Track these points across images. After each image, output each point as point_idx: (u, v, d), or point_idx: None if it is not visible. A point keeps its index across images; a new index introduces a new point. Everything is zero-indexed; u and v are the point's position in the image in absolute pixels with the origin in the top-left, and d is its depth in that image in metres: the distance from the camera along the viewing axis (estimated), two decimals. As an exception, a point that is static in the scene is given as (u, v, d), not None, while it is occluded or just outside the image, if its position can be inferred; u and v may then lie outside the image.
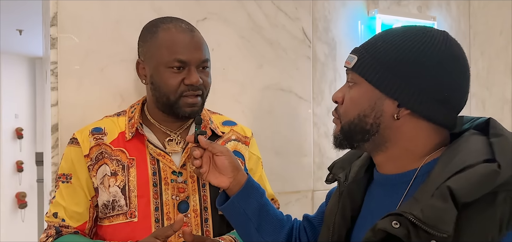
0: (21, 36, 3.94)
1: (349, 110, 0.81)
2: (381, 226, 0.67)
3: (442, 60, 0.74)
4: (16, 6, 3.19)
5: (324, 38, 1.72)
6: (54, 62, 1.30)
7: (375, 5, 1.80)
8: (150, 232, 1.04)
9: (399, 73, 0.74)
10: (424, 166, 0.76)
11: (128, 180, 1.08)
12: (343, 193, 0.89)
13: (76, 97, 1.32)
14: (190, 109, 1.08)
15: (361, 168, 0.89)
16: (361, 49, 0.80)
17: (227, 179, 1.01)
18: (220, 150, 1.02)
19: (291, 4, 1.64)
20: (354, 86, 0.80)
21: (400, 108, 0.75)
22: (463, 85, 0.77)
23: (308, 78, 1.68)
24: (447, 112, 0.76)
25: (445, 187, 0.64)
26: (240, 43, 1.55)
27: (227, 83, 1.53)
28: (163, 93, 1.08)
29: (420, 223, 0.63)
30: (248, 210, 1.01)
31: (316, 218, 1.06)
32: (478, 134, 0.75)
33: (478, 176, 0.64)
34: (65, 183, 1.10)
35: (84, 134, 1.12)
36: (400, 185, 0.77)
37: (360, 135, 0.79)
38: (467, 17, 2.07)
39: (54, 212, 1.10)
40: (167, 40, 1.07)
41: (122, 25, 1.36)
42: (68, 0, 1.31)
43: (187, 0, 1.46)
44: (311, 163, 1.70)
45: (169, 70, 1.06)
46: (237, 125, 1.26)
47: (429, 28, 0.78)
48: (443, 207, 0.63)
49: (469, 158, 0.68)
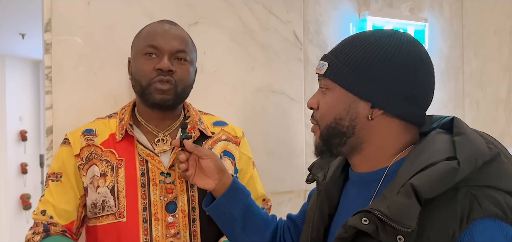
0: (23, 39, 4.00)
1: (325, 115, 0.83)
2: (351, 223, 0.70)
3: (409, 60, 0.77)
4: (18, 10, 3.24)
5: (316, 40, 1.75)
6: (49, 66, 1.34)
7: (366, 7, 1.83)
8: (138, 232, 1.07)
9: (370, 76, 0.77)
10: (394, 164, 0.79)
11: (117, 180, 1.10)
12: (321, 192, 0.92)
13: (70, 100, 1.35)
14: (160, 97, 1.09)
15: (337, 167, 0.92)
16: (331, 55, 0.83)
17: (212, 181, 1.06)
18: (205, 153, 1.06)
19: (282, 7, 1.67)
20: (327, 91, 0.83)
21: (373, 109, 0.78)
22: (429, 83, 0.80)
23: (299, 80, 1.71)
24: (416, 110, 0.79)
25: (409, 184, 0.68)
26: (232, 46, 1.58)
27: (219, 86, 1.56)
28: (137, 80, 1.11)
29: (387, 219, 0.66)
30: (234, 210, 1.05)
31: (299, 217, 1.09)
32: (443, 132, 0.79)
33: (439, 173, 0.67)
34: (55, 181, 1.12)
35: (75, 135, 1.15)
36: (372, 183, 0.80)
37: (338, 138, 0.82)
38: (460, 18, 2.09)
39: (42, 209, 1.11)
40: (147, 32, 1.14)
41: (115, 29, 1.40)
42: (62, 6, 1.34)
43: (179, 5, 1.49)
44: (303, 163, 1.73)
45: (143, 57, 1.11)
46: (228, 125, 1.27)
47: (393, 31, 0.82)
48: (407, 203, 0.66)
49: (433, 157, 0.71)
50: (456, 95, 2.10)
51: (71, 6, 1.35)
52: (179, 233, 1.10)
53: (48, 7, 1.33)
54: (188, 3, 1.51)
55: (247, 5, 1.60)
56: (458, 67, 2.10)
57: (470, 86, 2.14)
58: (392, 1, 1.90)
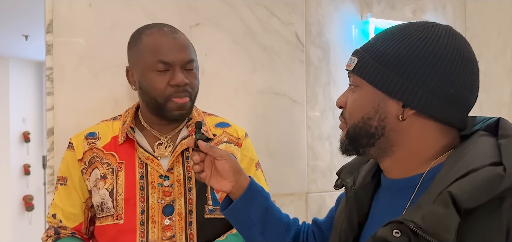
0: (27, 41, 4.01)
1: (353, 114, 0.78)
2: (381, 234, 0.64)
3: (446, 55, 0.70)
4: (22, 12, 3.25)
5: (318, 42, 1.74)
6: (50, 67, 1.34)
7: (368, 9, 1.82)
8: (135, 234, 1.08)
9: (401, 72, 0.71)
10: (431, 170, 0.73)
11: (116, 183, 1.11)
12: (350, 199, 0.85)
13: (72, 101, 1.36)
14: (179, 112, 1.10)
15: (368, 172, 0.86)
16: (361, 50, 0.78)
17: (228, 183, 0.99)
18: (220, 154, 0.99)
19: (284, 9, 1.66)
20: (356, 89, 0.77)
21: (404, 109, 0.72)
22: (470, 81, 0.72)
23: (301, 81, 1.70)
24: (454, 111, 0.72)
25: (447, 192, 0.61)
26: (233, 48, 1.58)
27: (221, 88, 1.56)
28: (151, 97, 1.10)
29: (421, 232, 0.60)
30: (252, 214, 0.98)
31: (325, 223, 1.03)
32: (487, 135, 0.72)
33: (481, 181, 0.61)
34: (62, 185, 1.16)
35: (79, 139, 1.16)
36: (406, 190, 0.74)
37: (365, 139, 0.76)
38: (463, 19, 2.08)
39: (53, 213, 1.16)
40: (150, 44, 1.10)
41: (116, 31, 1.40)
42: (63, 7, 1.34)
43: (180, 6, 1.49)
44: (305, 166, 1.72)
45: (154, 73, 1.08)
46: (231, 126, 1.26)
47: (431, 23, 0.75)
48: (444, 213, 0.60)
49: (474, 162, 0.64)
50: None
51: (73, 7, 1.35)
52: (175, 236, 1.10)
53: (50, 8, 1.33)
54: (189, 5, 1.50)
55: (248, 6, 1.60)
56: (461, 69, 2.08)
57: (473, 89, 2.13)
58: (394, 3, 1.89)
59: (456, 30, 0.75)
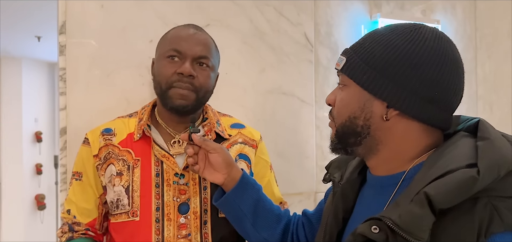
0: (39, 42, 4.07)
1: (340, 112, 0.80)
2: (360, 231, 0.66)
3: (431, 58, 0.71)
4: (34, 13, 3.30)
5: (327, 42, 1.75)
6: (63, 68, 1.36)
7: (377, 9, 1.82)
8: (151, 231, 1.09)
9: (386, 73, 0.72)
10: (412, 169, 0.74)
11: (132, 180, 1.12)
12: (337, 193, 0.88)
13: (84, 101, 1.38)
14: (180, 102, 1.09)
15: (355, 168, 0.88)
16: (350, 50, 0.79)
17: (221, 175, 1.04)
18: (213, 148, 1.05)
19: (293, 9, 1.67)
20: (344, 88, 0.79)
21: (388, 109, 0.74)
22: (454, 83, 0.74)
23: (310, 82, 1.71)
24: (437, 112, 0.73)
25: (423, 193, 0.63)
26: (242, 48, 1.59)
27: (230, 88, 1.57)
28: (157, 82, 1.12)
29: (397, 229, 0.62)
30: (243, 205, 1.03)
31: (314, 215, 1.06)
32: (468, 136, 0.73)
33: (456, 182, 0.62)
34: (78, 180, 1.17)
35: (95, 134, 1.17)
36: (389, 188, 0.76)
37: (353, 137, 0.78)
38: (473, 20, 2.07)
39: (67, 209, 1.17)
40: (172, 35, 1.15)
41: (128, 32, 1.42)
42: (76, 8, 1.37)
43: (190, 7, 1.51)
44: (313, 165, 1.73)
45: (166, 59, 1.11)
46: (246, 127, 1.27)
47: (418, 25, 0.76)
48: (419, 213, 0.62)
49: (452, 163, 0.66)
50: (469, 97, 2.08)
51: (85, 8, 1.38)
52: (191, 234, 1.11)
53: (63, 9, 1.36)
54: (199, 6, 1.52)
55: (257, 7, 1.61)
56: (471, 69, 2.08)
57: (484, 89, 2.12)
58: (404, 3, 1.89)
59: (443, 33, 0.77)
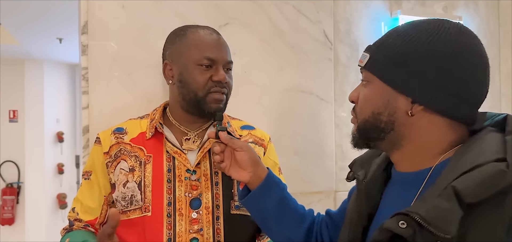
0: (60, 44, 4.14)
1: (363, 109, 0.80)
2: (387, 226, 0.66)
3: (455, 52, 0.72)
4: (56, 16, 3.36)
5: (346, 40, 1.74)
6: (85, 67, 1.39)
7: (398, 6, 1.80)
8: (162, 226, 1.10)
9: (410, 69, 0.73)
10: (439, 164, 0.74)
11: (144, 175, 1.14)
12: (361, 191, 0.88)
13: (106, 100, 1.40)
14: (216, 105, 1.14)
15: (379, 166, 0.88)
16: (373, 46, 0.80)
17: (247, 173, 1.04)
18: (239, 146, 1.05)
19: (312, 7, 1.66)
20: (367, 84, 0.80)
21: (413, 104, 0.74)
22: (479, 78, 0.74)
23: (329, 80, 1.70)
24: (462, 107, 0.73)
25: (451, 187, 0.63)
26: (261, 47, 1.59)
27: (249, 86, 1.58)
28: (191, 89, 1.14)
29: (425, 223, 0.62)
30: (268, 204, 1.03)
31: (338, 214, 1.06)
32: (495, 131, 0.73)
33: (485, 176, 0.63)
34: (86, 179, 1.19)
35: (106, 133, 1.20)
36: (415, 184, 0.76)
37: (375, 133, 0.79)
38: (497, 16, 2.02)
39: (73, 207, 1.20)
40: (197, 40, 1.16)
41: (148, 32, 1.43)
42: (97, 9, 1.39)
43: (209, 6, 1.52)
44: (333, 164, 1.71)
45: (198, 67, 1.13)
46: (256, 129, 1.30)
47: (442, 20, 0.76)
48: (447, 207, 0.62)
49: (480, 157, 0.66)
50: (492, 94, 2.04)
51: (107, 9, 1.40)
52: (203, 229, 1.12)
53: (84, 10, 1.38)
54: (218, 5, 1.53)
55: (276, 5, 1.61)
56: (494, 66, 2.03)
57: (507, 86, 2.07)
58: (425, 0, 1.86)
59: (467, 27, 0.77)
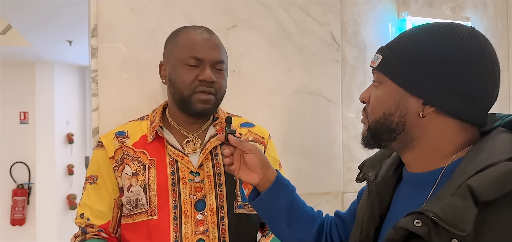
0: (71, 46, 4.19)
1: (375, 109, 0.81)
2: (402, 224, 0.67)
3: (467, 55, 0.73)
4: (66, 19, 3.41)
5: (354, 41, 1.74)
6: (95, 70, 1.41)
7: (405, 7, 1.80)
8: (169, 229, 1.11)
9: (422, 71, 0.74)
10: (451, 164, 0.75)
11: (148, 179, 1.14)
12: (372, 191, 0.89)
13: (115, 102, 1.42)
14: (202, 106, 1.14)
15: (390, 166, 0.89)
16: (386, 48, 0.81)
17: (256, 176, 1.05)
18: (249, 148, 1.05)
19: (320, 9, 1.67)
20: (379, 85, 0.81)
21: (425, 106, 0.75)
22: (490, 81, 0.75)
23: (337, 81, 1.70)
24: (473, 109, 0.75)
25: (465, 185, 0.64)
26: (269, 48, 1.60)
27: (257, 88, 1.59)
28: (177, 88, 1.14)
29: (440, 221, 0.63)
30: (278, 206, 1.04)
31: (348, 215, 1.07)
32: (506, 131, 0.74)
33: (498, 175, 0.64)
34: (92, 184, 1.19)
35: (108, 137, 1.21)
36: (427, 184, 0.77)
37: (387, 134, 0.80)
38: (505, 17, 2.01)
39: (81, 213, 1.19)
40: (186, 40, 1.16)
41: (157, 34, 1.45)
42: (107, 12, 1.41)
43: (217, 9, 1.53)
44: (340, 165, 1.72)
45: (185, 67, 1.13)
46: (255, 126, 1.30)
47: (454, 24, 0.77)
48: (462, 205, 0.63)
49: (493, 157, 0.67)
50: (502, 96, 2.01)
51: (116, 12, 1.42)
52: (208, 230, 1.13)
53: (94, 13, 1.40)
54: (226, 8, 1.54)
55: (284, 7, 1.62)
56: (503, 67, 2.00)
57: (517, 87, 2.06)
58: (432, 1, 1.86)
59: (479, 31, 0.78)
